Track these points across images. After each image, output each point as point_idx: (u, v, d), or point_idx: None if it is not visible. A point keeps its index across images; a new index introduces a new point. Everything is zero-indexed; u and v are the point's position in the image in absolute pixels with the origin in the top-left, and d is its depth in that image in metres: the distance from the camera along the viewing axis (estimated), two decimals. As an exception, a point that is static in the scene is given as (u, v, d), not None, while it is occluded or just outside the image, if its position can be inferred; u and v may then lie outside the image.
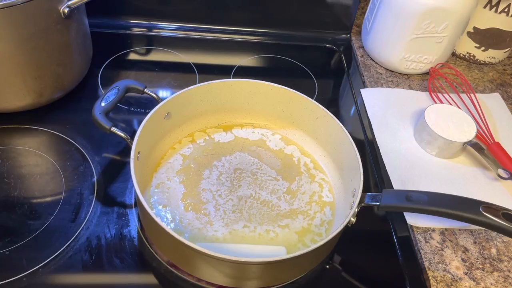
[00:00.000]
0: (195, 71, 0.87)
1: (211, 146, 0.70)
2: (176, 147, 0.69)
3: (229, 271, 0.54)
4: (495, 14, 0.87)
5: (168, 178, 0.65)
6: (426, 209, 0.55)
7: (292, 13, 0.97)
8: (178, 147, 0.69)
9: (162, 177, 0.65)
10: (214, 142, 0.71)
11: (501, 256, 0.62)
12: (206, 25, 0.97)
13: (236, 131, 0.73)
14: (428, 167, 0.72)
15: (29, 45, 0.66)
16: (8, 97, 0.70)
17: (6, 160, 0.66)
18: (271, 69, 0.93)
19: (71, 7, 0.68)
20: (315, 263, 0.59)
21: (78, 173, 0.66)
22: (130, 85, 0.67)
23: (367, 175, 0.72)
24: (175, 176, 0.65)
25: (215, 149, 0.70)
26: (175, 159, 0.67)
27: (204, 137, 0.72)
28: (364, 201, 0.56)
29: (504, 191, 0.70)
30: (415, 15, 0.80)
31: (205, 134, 0.72)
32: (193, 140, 0.71)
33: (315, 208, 0.64)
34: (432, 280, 0.58)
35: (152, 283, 0.57)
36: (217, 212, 0.61)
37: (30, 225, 0.59)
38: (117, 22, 0.94)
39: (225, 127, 0.74)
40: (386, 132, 0.77)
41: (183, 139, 0.70)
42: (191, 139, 0.71)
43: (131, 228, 0.61)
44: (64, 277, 0.55)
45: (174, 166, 0.66)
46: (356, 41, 0.99)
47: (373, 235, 0.66)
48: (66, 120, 0.73)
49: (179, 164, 0.67)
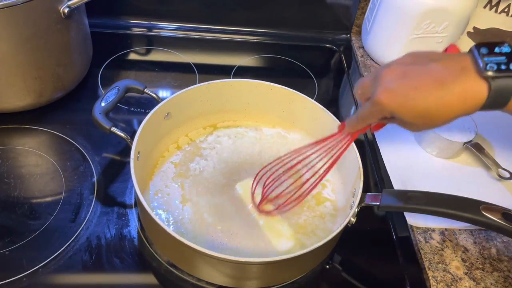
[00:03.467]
0: (195, 71, 0.87)
1: (211, 146, 0.70)
2: (177, 147, 0.69)
3: (229, 271, 0.54)
4: (495, 14, 0.87)
5: (167, 178, 0.65)
6: (426, 209, 0.55)
7: (292, 13, 0.97)
8: (178, 147, 0.69)
9: (162, 177, 0.65)
10: (215, 142, 0.71)
11: (501, 256, 0.62)
12: (206, 25, 0.97)
13: (236, 131, 0.73)
14: (428, 167, 0.72)
15: (29, 45, 0.66)
16: (8, 97, 0.70)
17: (6, 160, 0.66)
18: (271, 69, 0.93)
19: (71, 7, 0.68)
20: (315, 263, 0.59)
21: (78, 173, 0.66)
22: (130, 85, 0.67)
23: (367, 175, 0.72)
24: (174, 176, 0.65)
25: (216, 149, 0.70)
26: (176, 159, 0.67)
27: (204, 137, 0.71)
28: (364, 201, 0.56)
29: (504, 191, 0.70)
30: (415, 15, 0.80)
31: (205, 134, 0.72)
32: (192, 140, 0.71)
33: (315, 208, 0.64)
34: (432, 280, 0.58)
35: (152, 283, 0.57)
36: (217, 212, 0.61)
37: (30, 225, 0.59)
38: (117, 22, 0.94)
39: (225, 127, 0.74)
40: (386, 133, 0.77)
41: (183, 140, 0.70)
42: (191, 140, 0.71)
43: (131, 228, 0.61)
44: (64, 277, 0.55)
45: (174, 166, 0.66)
46: (356, 41, 0.99)
47: (373, 235, 0.66)
48: (66, 120, 0.73)
49: (179, 165, 0.67)
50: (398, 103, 0.43)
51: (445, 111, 0.42)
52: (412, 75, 0.43)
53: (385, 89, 0.44)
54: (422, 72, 0.43)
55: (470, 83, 0.40)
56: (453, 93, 0.41)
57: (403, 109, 0.43)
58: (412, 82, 0.43)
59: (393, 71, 0.45)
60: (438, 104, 0.42)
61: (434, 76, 0.42)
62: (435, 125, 0.45)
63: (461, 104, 0.41)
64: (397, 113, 0.44)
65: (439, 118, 0.43)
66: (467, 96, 0.41)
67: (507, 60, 0.40)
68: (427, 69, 0.43)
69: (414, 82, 0.43)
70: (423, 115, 0.43)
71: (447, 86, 0.41)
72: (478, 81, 0.40)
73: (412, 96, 0.43)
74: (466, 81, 0.40)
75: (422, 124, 0.45)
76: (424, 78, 0.42)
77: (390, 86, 0.44)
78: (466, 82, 0.41)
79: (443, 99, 0.41)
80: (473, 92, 0.40)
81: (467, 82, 0.40)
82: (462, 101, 0.41)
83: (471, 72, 0.40)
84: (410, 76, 0.43)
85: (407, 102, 0.43)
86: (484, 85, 0.40)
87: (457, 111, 0.42)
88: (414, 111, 0.43)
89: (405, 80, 0.43)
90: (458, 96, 0.41)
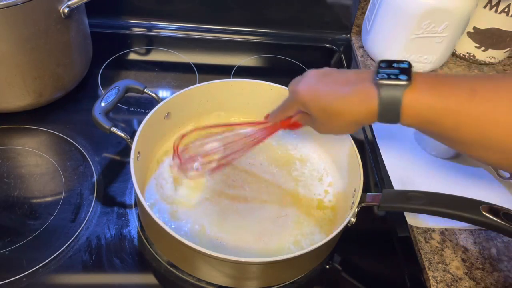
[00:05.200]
0: (195, 71, 0.87)
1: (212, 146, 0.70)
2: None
3: (229, 271, 0.54)
4: (495, 14, 0.87)
5: (168, 178, 0.65)
6: (426, 209, 0.55)
7: (292, 13, 0.97)
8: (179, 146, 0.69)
9: (162, 177, 0.65)
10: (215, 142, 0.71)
11: (501, 256, 0.62)
12: (206, 25, 0.97)
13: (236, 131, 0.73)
14: (428, 167, 0.72)
15: (29, 45, 0.66)
16: (8, 97, 0.70)
17: (6, 160, 0.66)
18: (271, 69, 0.93)
19: (71, 7, 0.68)
20: (315, 263, 0.59)
21: (78, 173, 0.66)
22: (130, 85, 0.67)
23: (367, 175, 0.72)
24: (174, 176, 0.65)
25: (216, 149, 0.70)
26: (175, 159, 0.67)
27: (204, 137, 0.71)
28: (364, 201, 0.56)
29: (504, 191, 0.70)
30: (415, 15, 0.80)
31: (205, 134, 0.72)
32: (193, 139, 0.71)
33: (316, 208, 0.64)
34: (432, 280, 0.58)
35: (152, 283, 0.57)
36: (217, 212, 0.61)
37: (30, 225, 0.59)
38: (117, 22, 0.94)
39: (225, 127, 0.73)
40: (386, 132, 0.77)
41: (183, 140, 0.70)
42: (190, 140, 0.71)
43: (131, 228, 0.61)
44: (64, 277, 0.55)
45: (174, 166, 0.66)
46: (356, 41, 0.99)
47: (373, 235, 0.66)
48: (66, 120, 0.73)
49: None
50: (310, 96, 0.50)
51: (343, 111, 0.48)
52: (330, 76, 0.50)
53: (304, 82, 0.51)
54: (339, 75, 0.50)
55: (366, 88, 0.46)
56: (352, 93, 0.47)
57: (312, 102, 0.50)
58: (327, 80, 0.50)
59: (317, 71, 0.52)
60: (338, 102, 0.48)
61: (344, 78, 0.49)
62: (335, 128, 0.52)
63: (358, 104, 0.46)
64: (306, 105, 0.51)
65: (338, 119, 0.49)
66: (363, 98, 0.46)
67: (400, 72, 0.44)
68: (343, 74, 0.50)
69: (328, 80, 0.50)
70: (325, 112, 0.49)
71: (350, 86, 0.47)
72: (371, 87, 0.45)
73: (322, 91, 0.49)
74: (364, 85, 0.46)
75: (324, 124, 0.51)
76: (337, 79, 0.49)
77: (309, 81, 0.51)
78: (364, 86, 0.46)
79: (344, 96, 0.47)
80: (367, 95, 0.45)
81: (365, 86, 0.46)
82: (359, 102, 0.46)
83: (368, 79, 0.46)
84: (329, 76, 0.50)
85: (317, 96, 0.50)
86: (375, 91, 0.45)
87: (356, 113, 0.47)
88: (320, 105, 0.49)
89: (323, 77, 0.50)
90: (357, 97, 0.46)
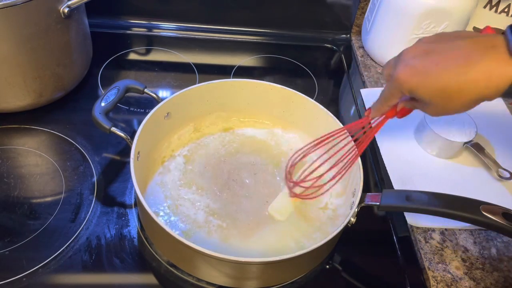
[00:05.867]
0: (195, 71, 0.87)
1: (212, 146, 0.70)
2: (177, 147, 0.69)
3: (229, 271, 0.54)
4: (495, 14, 0.87)
5: (168, 178, 0.65)
6: (426, 209, 0.55)
7: (292, 13, 0.97)
8: (178, 146, 0.69)
9: (162, 177, 0.65)
10: (215, 142, 0.71)
11: (501, 256, 0.62)
12: (206, 25, 0.97)
13: (236, 131, 0.73)
14: (428, 167, 0.72)
15: (29, 45, 0.66)
16: (8, 97, 0.70)
17: (6, 160, 0.66)
18: (271, 69, 0.93)
19: (71, 7, 0.68)
20: (315, 263, 0.59)
21: (78, 173, 0.66)
22: (130, 85, 0.67)
23: (367, 175, 0.72)
24: (175, 176, 0.65)
25: (216, 149, 0.70)
26: (175, 159, 0.67)
27: (204, 137, 0.71)
28: (364, 201, 0.56)
29: (504, 191, 0.70)
30: (415, 15, 0.80)
31: (205, 134, 0.72)
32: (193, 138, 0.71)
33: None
34: (432, 280, 0.58)
35: (152, 283, 0.57)
36: (218, 211, 0.61)
37: (30, 225, 0.59)
38: (117, 22, 0.94)
39: (225, 127, 0.74)
40: (386, 132, 0.77)
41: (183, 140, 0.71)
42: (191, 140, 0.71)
43: (131, 228, 0.61)
44: (64, 277, 0.55)
45: (173, 166, 0.66)
46: (356, 41, 0.99)
47: (373, 235, 0.66)
48: (66, 120, 0.73)
49: (179, 164, 0.67)
50: (417, 79, 0.42)
51: (466, 90, 0.39)
52: (435, 52, 0.42)
53: (405, 66, 0.43)
54: (447, 49, 0.41)
55: (498, 62, 0.38)
56: (477, 70, 0.38)
57: (422, 86, 0.42)
58: (434, 58, 0.41)
59: (415, 49, 0.44)
60: (459, 81, 0.39)
61: (458, 52, 0.40)
62: (454, 108, 0.43)
63: (485, 83, 0.38)
64: (415, 91, 0.43)
65: (459, 98, 0.40)
66: (493, 75, 0.38)
67: None
68: (452, 46, 0.41)
69: (436, 58, 0.41)
70: (443, 94, 0.41)
71: (472, 63, 0.39)
72: (508, 60, 0.37)
73: (432, 72, 0.41)
74: (494, 59, 0.38)
75: (441, 106, 0.43)
76: (447, 54, 0.41)
77: (410, 63, 0.43)
78: (494, 59, 0.38)
79: (465, 76, 0.39)
80: (499, 71, 0.38)
81: (495, 60, 0.38)
82: (487, 80, 0.38)
83: (500, 50, 0.38)
84: (433, 53, 0.42)
85: (427, 79, 0.41)
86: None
87: (479, 92, 0.39)
88: (434, 88, 0.41)
89: (427, 56, 0.42)
90: (483, 74, 0.38)
